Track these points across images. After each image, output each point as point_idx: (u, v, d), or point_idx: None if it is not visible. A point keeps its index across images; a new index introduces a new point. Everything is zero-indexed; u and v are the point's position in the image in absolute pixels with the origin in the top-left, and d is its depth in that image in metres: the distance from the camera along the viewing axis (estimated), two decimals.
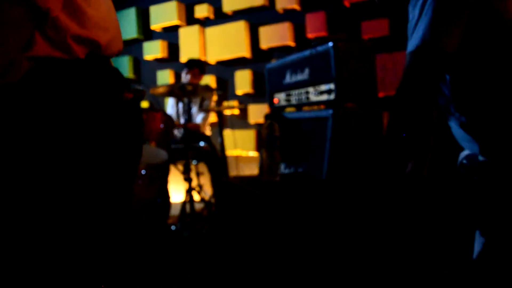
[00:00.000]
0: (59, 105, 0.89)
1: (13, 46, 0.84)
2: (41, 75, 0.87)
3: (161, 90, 3.46)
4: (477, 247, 1.31)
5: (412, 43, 1.16)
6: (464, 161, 1.28)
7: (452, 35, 1.12)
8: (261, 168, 2.49)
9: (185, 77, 4.30)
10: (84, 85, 0.92)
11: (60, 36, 0.88)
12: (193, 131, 4.11)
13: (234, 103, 5.18)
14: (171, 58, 5.82)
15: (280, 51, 4.88)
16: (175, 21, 5.60)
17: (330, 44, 2.26)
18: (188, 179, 3.57)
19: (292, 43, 4.80)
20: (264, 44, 4.97)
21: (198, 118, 4.35)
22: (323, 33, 4.51)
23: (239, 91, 5.19)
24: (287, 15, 4.86)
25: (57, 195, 0.89)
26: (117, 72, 1.02)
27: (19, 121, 0.85)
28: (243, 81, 5.16)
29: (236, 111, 5.24)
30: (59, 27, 0.87)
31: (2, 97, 0.85)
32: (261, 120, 4.97)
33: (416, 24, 1.16)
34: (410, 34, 1.19)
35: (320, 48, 2.35)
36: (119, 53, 1.06)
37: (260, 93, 5.08)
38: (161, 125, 3.59)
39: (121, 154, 1.01)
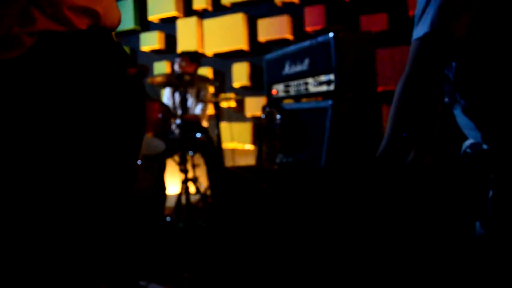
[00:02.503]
0: (62, 79, 0.87)
1: (7, 20, 0.83)
2: (42, 50, 0.86)
3: (158, 79, 3.44)
4: (478, 239, 1.30)
5: (420, 29, 1.15)
6: (468, 150, 1.27)
7: (462, 21, 1.11)
8: (259, 158, 2.48)
9: (177, 66, 4.28)
10: (87, 58, 0.91)
11: (57, 8, 0.86)
12: (191, 122, 4.09)
13: (231, 95, 5.16)
14: (168, 49, 5.79)
15: (278, 44, 4.86)
16: (172, 13, 5.56)
17: (331, 34, 2.24)
18: (184, 170, 3.55)
19: (290, 36, 4.78)
20: (262, 37, 4.95)
21: (197, 109, 4.32)
22: (321, 27, 4.49)
23: (236, 84, 5.17)
24: (286, 8, 4.84)
25: (60, 170, 0.88)
26: (120, 46, 1.01)
27: (21, 96, 0.85)
28: (240, 74, 5.14)
29: (233, 104, 5.22)
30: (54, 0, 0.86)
31: (5, 72, 0.84)
32: (258, 113, 4.95)
33: (424, 10, 1.15)
34: (417, 19, 1.17)
35: (320, 39, 2.33)
36: (119, 25, 1.04)
37: (257, 86, 5.06)
38: (159, 115, 3.57)
39: (125, 129, 0.99)
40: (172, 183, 4.49)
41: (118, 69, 0.98)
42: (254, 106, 5.01)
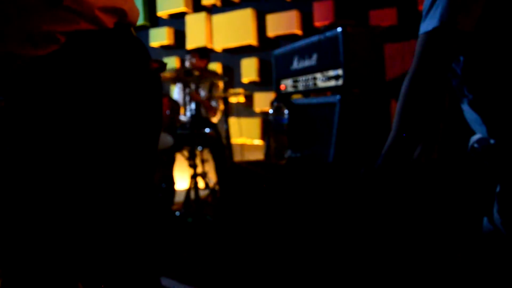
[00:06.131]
0: (93, 74, 0.92)
1: (38, 19, 0.88)
2: (74, 47, 0.91)
3: (167, 75, 3.45)
4: (485, 234, 1.30)
5: (428, 23, 1.14)
6: (475, 145, 1.27)
7: (471, 15, 1.10)
8: (267, 153, 2.48)
9: (188, 64, 4.29)
10: (115, 54, 0.96)
11: (89, 9, 0.92)
12: (200, 112, 4.09)
13: (240, 90, 5.17)
14: (177, 45, 5.80)
15: (287, 39, 4.84)
16: (182, 8, 5.57)
17: (339, 29, 2.24)
18: (193, 165, 3.57)
19: (299, 32, 4.77)
20: (271, 32, 4.94)
21: (212, 102, 4.34)
22: (330, 22, 4.46)
23: (245, 79, 5.17)
24: (295, 3, 4.83)
25: (89, 161, 0.92)
26: (141, 42, 1.05)
27: (54, 90, 0.90)
28: (249, 69, 5.14)
29: (242, 99, 5.23)
30: (87, 2, 0.91)
31: (36, 67, 0.89)
32: (266, 108, 4.95)
33: (432, 3, 1.14)
34: (425, 13, 1.17)
35: (328, 34, 2.33)
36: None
37: (266, 82, 5.06)
38: (167, 111, 3.59)
39: (146, 123, 1.04)
40: (181, 178, 4.51)
41: (142, 63, 1.02)
42: (263, 101, 5.01)
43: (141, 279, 1.05)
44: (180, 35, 5.76)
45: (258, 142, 5.05)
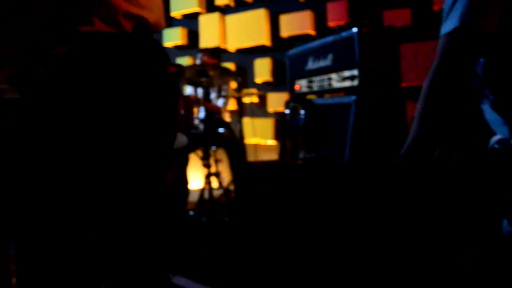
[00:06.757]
0: (108, 74, 0.93)
1: (71, 18, 0.90)
2: (92, 47, 0.92)
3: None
4: (505, 236, 1.29)
5: (449, 24, 1.14)
6: (496, 146, 1.26)
7: (491, 16, 1.10)
8: (282, 153, 2.49)
9: (200, 62, 4.31)
10: (132, 58, 0.97)
11: (111, 13, 0.93)
12: (213, 113, 4.10)
13: (253, 91, 5.17)
14: (191, 45, 5.82)
15: (300, 39, 4.84)
16: (195, 8, 5.59)
17: (355, 29, 2.24)
18: (207, 165, 3.58)
19: (312, 32, 4.77)
20: (285, 32, 4.94)
21: (219, 102, 4.35)
22: (344, 22, 4.46)
23: (259, 79, 5.18)
24: (308, 3, 4.82)
25: (105, 162, 0.92)
26: (160, 46, 1.05)
27: (66, 92, 0.90)
28: (262, 69, 5.15)
29: (255, 99, 5.23)
30: (111, 5, 0.92)
31: (57, 64, 0.90)
32: (280, 108, 4.95)
33: (453, 4, 1.14)
34: (445, 14, 1.16)
35: (344, 34, 2.33)
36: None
37: (279, 82, 5.06)
38: (182, 111, 3.60)
39: (163, 125, 1.04)
40: (195, 177, 4.53)
41: (158, 67, 1.02)
42: (276, 101, 5.01)
43: (149, 276, 1.05)
44: (193, 36, 5.78)
45: (272, 142, 5.05)
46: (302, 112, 2.32)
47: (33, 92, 0.90)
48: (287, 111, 2.36)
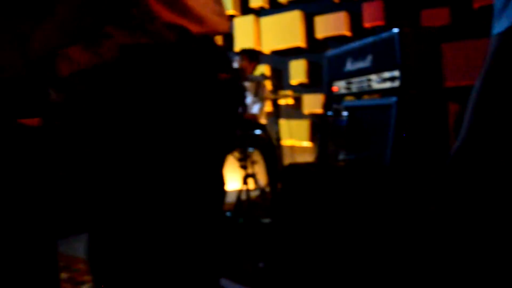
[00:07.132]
0: (147, 87, 0.91)
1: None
2: (133, 58, 0.89)
3: None
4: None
5: (502, 23, 1.12)
6: None
7: None
8: (321, 155, 2.49)
9: (237, 64, 4.34)
10: (174, 69, 0.93)
11: (148, 23, 0.89)
12: (250, 121, 4.14)
13: (289, 92, 5.18)
14: (226, 48, 5.87)
15: (335, 40, 4.83)
16: (230, 11, 5.64)
17: (396, 30, 2.23)
18: (244, 167, 3.61)
19: (348, 33, 4.74)
20: (320, 34, 4.94)
21: (255, 108, 4.37)
22: (380, 23, 4.43)
23: (294, 81, 5.18)
24: (343, 4, 4.80)
25: (155, 173, 0.92)
26: (211, 53, 1.02)
27: (110, 99, 0.89)
28: (297, 71, 5.15)
29: (291, 101, 5.24)
30: (149, 14, 0.88)
31: (97, 76, 0.89)
32: (315, 110, 4.95)
33: (506, 2, 1.12)
34: (497, 12, 1.14)
35: (384, 35, 2.32)
36: (223, 31, 1.08)
37: (314, 83, 5.05)
38: None
39: (216, 131, 1.03)
40: (231, 179, 4.57)
41: (204, 76, 0.99)
42: (312, 103, 5.00)
43: (203, 279, 1.07)
44: (228, 38, 5.83)
45: (307, 144, 5.05)
46: (344, 113, 2.32)
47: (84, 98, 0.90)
48: (329, 113, 2.37)
